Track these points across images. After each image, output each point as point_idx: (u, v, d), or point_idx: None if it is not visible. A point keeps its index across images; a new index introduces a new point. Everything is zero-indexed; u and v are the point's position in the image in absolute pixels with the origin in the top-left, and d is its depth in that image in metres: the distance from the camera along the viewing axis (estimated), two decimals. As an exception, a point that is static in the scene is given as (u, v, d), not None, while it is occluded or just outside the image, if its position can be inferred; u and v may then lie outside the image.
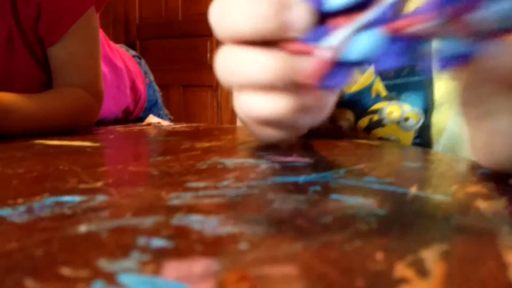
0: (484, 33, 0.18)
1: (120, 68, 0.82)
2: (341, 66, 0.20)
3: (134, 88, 0.87)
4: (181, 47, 2.59)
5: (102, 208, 0.20)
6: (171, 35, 2.61)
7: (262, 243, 0.15)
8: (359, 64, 0.20)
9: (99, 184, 0.26)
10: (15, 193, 0.23)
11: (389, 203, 0.21)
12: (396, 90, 0.50)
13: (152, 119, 0.79)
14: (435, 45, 0.19)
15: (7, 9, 0.61)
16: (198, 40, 2.56)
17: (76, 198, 0.22)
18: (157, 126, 0.74)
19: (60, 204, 0.21)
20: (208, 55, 2.54)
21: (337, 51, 0.19)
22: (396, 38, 0.18)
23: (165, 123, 0.79)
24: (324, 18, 0.21)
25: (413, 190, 0.25)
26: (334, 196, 0.22)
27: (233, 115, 2.51)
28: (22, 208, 0.20)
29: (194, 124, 0.83)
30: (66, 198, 0.22)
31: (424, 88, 0.51)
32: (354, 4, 0.19)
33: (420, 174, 0.32)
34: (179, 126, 0.74)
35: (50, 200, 0.22)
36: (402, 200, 0.22)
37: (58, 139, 0.51)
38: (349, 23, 0.19)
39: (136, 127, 0.71)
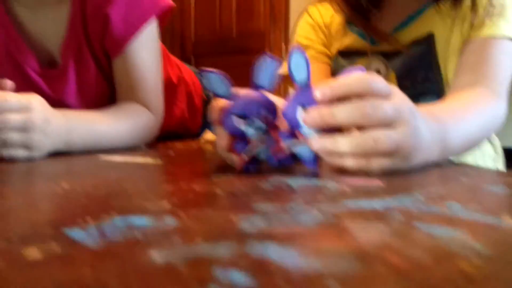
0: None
1: (176, 83, 0.83)
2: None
3: (190, 103, 0.88)
4: (235, 63, 2.62)
5: (173, 232, 0.19)
6: (226, 51, 2.66)
7: (353, 283, 0.13)
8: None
9: (165, 203, 0.25)
10: (84, 211, 0.23)
11: (485, 236, 0.19)
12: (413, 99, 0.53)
13: (209, 135, 0.79)
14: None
15: (78, 24, 0.63)
16: (252, 56, 2.56)
17: (145, 220, 0.21)
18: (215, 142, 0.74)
19: (131, 227, 0.20)
20: (261, 70, 2.55)
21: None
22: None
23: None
24: None
25: (506, 219, 0.22)
26: (420, 225, 0.20)
27: (285, 130, 2.50)
28: (93, 230, 0.19)
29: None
30: (135, 218, 0.21)
31: (438, 91, 0.62)
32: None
33: (506, 199, 0.29)
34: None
35: (119, 220, 0.21)
36: (498, 232, 0.20)
37: (121, 155, 0.51)
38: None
39: (194, 144, 0.72)
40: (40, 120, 0.46)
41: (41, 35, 0.64)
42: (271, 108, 0.37)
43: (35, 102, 0.47)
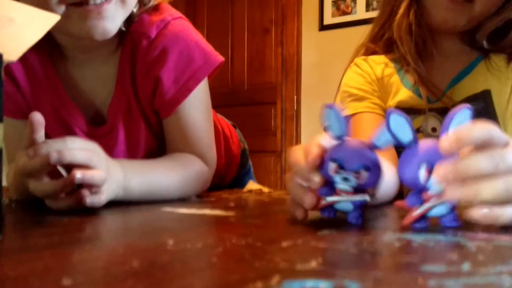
0: None
1: (217, 130, 0.81)
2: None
3: (229, 153, 0.86)
4: (247, 114, 2.65)
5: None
6: (237, 103, 2.69)
7: None
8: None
9: (314, 264, 0.22)
10: (241, 275, 0.21)
11: None
12: None
13: (252, 185, 0.77)
14: None
15: (127, 84, 0.61)
16: (262, 107, 2.61)
17: (323, 284, 0.19)
18: (261, 192, 0.72)
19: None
20: (272, 121, 2.58)
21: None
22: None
23: (265, 189, 0.77)
24: None
25: None
26: None
27: (297, 181, 2.47)
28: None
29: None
30: (308, 283, 0.19)
31: None
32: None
33: None
34: (281, 193, 0.71)
35: (290, 285, 0.19)
36: None
37: (185, 207, 0.49)
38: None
39: (242, 194, 0.69)
40: (104, 160, 0.46)
41: (89, 93, 0.63)
42: (374, 168, 0.35)
43: (100, 150, 0.47)
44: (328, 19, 2.33)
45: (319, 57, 2.37)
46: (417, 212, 0.33)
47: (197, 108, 0.64)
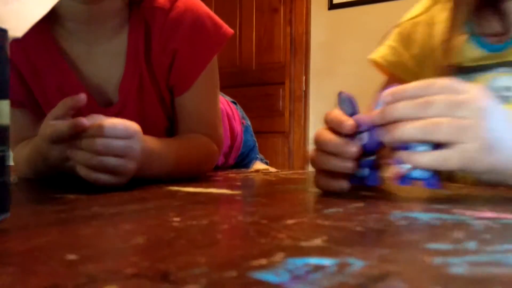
0: None
1: (221, 109, 0.80)
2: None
3: (232, 131, 0.86)
4: (255, 95, 2.63)
5: (384, 276, 0.17)
6: (245, 83, 2.67)
7: None
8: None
9: (319, 241, 0.22)
10: (245, 252, 0.21)
11: None
12: None
13: (259, 165, 0.77)
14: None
15: (140, 60, 0.60)
16: (270, 88, 2.59)
17: (326, 261, 0.19)
18: (268, 172, 0.72)
19: (317, 266, 0.17)
20: (280, 102, 2.57)
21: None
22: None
23: (272, 169, 0.77)
24: None
25: None
26: None
27: (304, 161, 2.48)
28: (282, 272, 0.17)
29: (299, 171, 0.80)
30: (312, 260, 0.19)
31: None
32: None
33: None
34: (288, 172, 0.71)
35: (294, 261, 0.19)
36: None
37: (191, 186, 0.49)
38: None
39: (249, 173, 0.69)
40: (139, 149, 0.46)
41: (97, 71, 0.61)
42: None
43: (138, 131, 0.47)
44: (337, -2, 2.28)
45: (328, 36, 2.33)
46: (398, 171, 0.37)
47: (208, 84, 0.64)
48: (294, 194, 0.45)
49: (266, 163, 0.92)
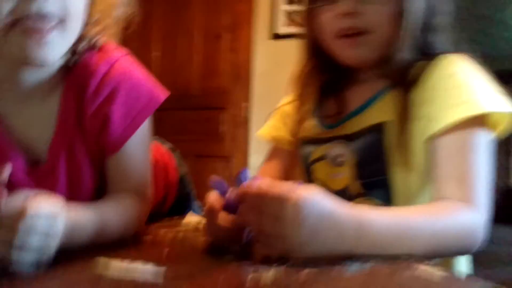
0: None
1: (154, 164, 0.82)
2: None
3: (166, 182, 0.87)
4: (195, 119, 2.64)
5: None
6: (186, 107, 2.67)
7: None
8: None
9: None
10: None
11: None
12: (367, 188, 0.66)
13: (191, 217, 0.78)
14: None
15: (71, 122, 0.61)
16: (213, 112, 2.60)
17: None
18: (199, 227, 0.73)
19: None
20: (222, 127, 2.59)
21: None
22: None
23: (203, 221, 0.78)
24: None
25: None
26: None
27: (245, 187, 2.50)
28: None
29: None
30: None
31: (386, 185, 0.65)
32: None
33: None
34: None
35: None
36: None
37: (120, 256, 0.50)
38: None
39: (180, 230, 0.71)
40: (62, 228, 0.47)
41: (27, 132, 0.61)
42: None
43: (61, 210, 0.47)
44: (280, 29, 2.36)
45: (270, 65, 2.40)
46: None
47: (140, 146, 0.66)
48: (223, 268, 0.47)
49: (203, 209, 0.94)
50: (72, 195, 0.63)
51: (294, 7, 2.30)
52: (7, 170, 0.48)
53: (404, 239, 0.50)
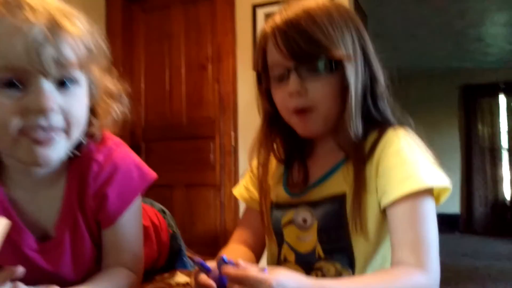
0: None
1: (147, 227, 0.89)
2: None
3: (159, 242, 0.94)
4: (185, 149, 2.69)
5: None
6: (176, 137, 2.72)
7: None
8: None
9: None
10: None
11: None
12: (329, 253, 0.72)
13: (180, 277, 0.83)
14: None
15: (74, 202, 0.70)
16: (201, 142, 2.66)
17: None
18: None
19: None
20: (212, 156, 2.65)
21: None
22: None
23: (192, 281, 0.83)
24: None
25: None
26: None
27: (235, 214, 2.55)
28: None
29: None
30: None
31: (347, 250, 0.71)
32: None
33: None
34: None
35: None
36: None
37: None
38: None
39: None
40: None
41: (37, 213, 0.69)
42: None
43: None
44: (262, 59, 2.43)
45: (254, 95, 2.46)
46: None
47: (132, 219, 0.74)
48: None
49: (191, 265, 1.00)
50: (76, 264, 0.71)
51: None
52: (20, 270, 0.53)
53: None
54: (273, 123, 0.78)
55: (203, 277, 0.59)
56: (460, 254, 4.26)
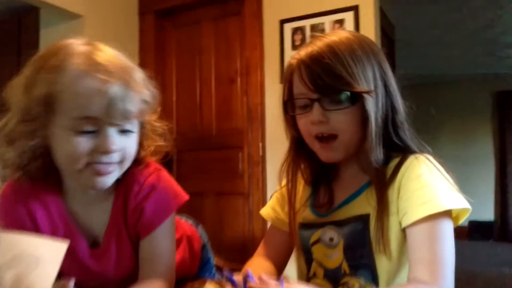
0: None
1: (179, 239, 0.99)
2: None
3: (192, 252, 1.03)
4: (215, 158, 2.79)
5: None
6: (206, 147, 2.83)
7: None
8: None
9: None
10: None
11: None
12: (354, 269, 0.78)
13: (208, 286, 0.92)
14: None
15: (119, 215, 0.82)
16: (230, 151, 2.75)
17: None
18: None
19: None
20: (240, 165, 2.74)
21: None
22: None
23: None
24: None
25: None
26: None
27: (263, 222, 2.63)
28: None
29: None
30: None
31: (371, 267, 0.77)
32: None
33: None
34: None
35: None
36: None
37: None
38: None
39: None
40: None
41: (89, 224, 0.83)
42: None
43: None
44: (289, 72, 2.51)
45: (281, 107, 2.54)
46: None
47: (165, 233, 0.84)
48: None
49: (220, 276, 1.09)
50: (119, 266, 0.84)
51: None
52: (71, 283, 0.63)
53: None
54: (300, 148, 0.84)
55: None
56: (494, 262, 4.18)
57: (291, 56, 0.82)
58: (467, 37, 4.13)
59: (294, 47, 2.50)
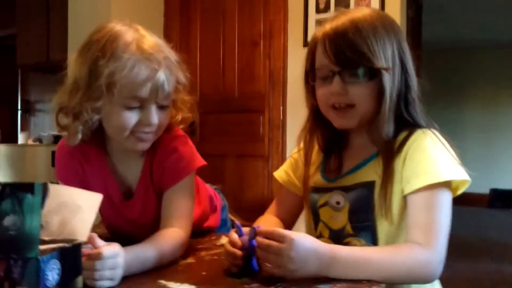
0: None
1: (203, 196, 1.13)
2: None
3: (212, 207, 1.17)
4: (236, 121, 2.85)
5: None
6: (228, 110, 2.88)
7: None
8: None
9: None
10: None
11: None
12: (357, 231, 0.84)
13: (223, 240, 1.00)
14: None
15: (147, 171, 0.97)
16: (252, 115, 2.80)
17: None
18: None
19: None
20: (261, 128, 2.79)
21: None
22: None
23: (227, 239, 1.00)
24: None
25: None
26: None
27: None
28: None
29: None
30: None
31: (372, 230, 0.83)
32: None
33: None
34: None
35: None
36: None
37: (173, 280, 0.72)
38: None
39: (217, 253, 0.92)
40: (123, 262, 0.70)
41: (125, 176, 0.99)
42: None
43: (119, 250, 0.70)
44: (312, 36, 2.51)
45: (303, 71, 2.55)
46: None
47: (184, 190, 0.95)
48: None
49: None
50: (145, 217, 0.98)
51: (324, 15, 2.44)
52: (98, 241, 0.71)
53: (365, 268, 0.70)
54: (317, 116, 0.89)
55: (233, 236, 0.76)
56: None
57: (316, 28, 0.87)
58: (504, 3, 3.97)
59: (319, 10, 2.48)
